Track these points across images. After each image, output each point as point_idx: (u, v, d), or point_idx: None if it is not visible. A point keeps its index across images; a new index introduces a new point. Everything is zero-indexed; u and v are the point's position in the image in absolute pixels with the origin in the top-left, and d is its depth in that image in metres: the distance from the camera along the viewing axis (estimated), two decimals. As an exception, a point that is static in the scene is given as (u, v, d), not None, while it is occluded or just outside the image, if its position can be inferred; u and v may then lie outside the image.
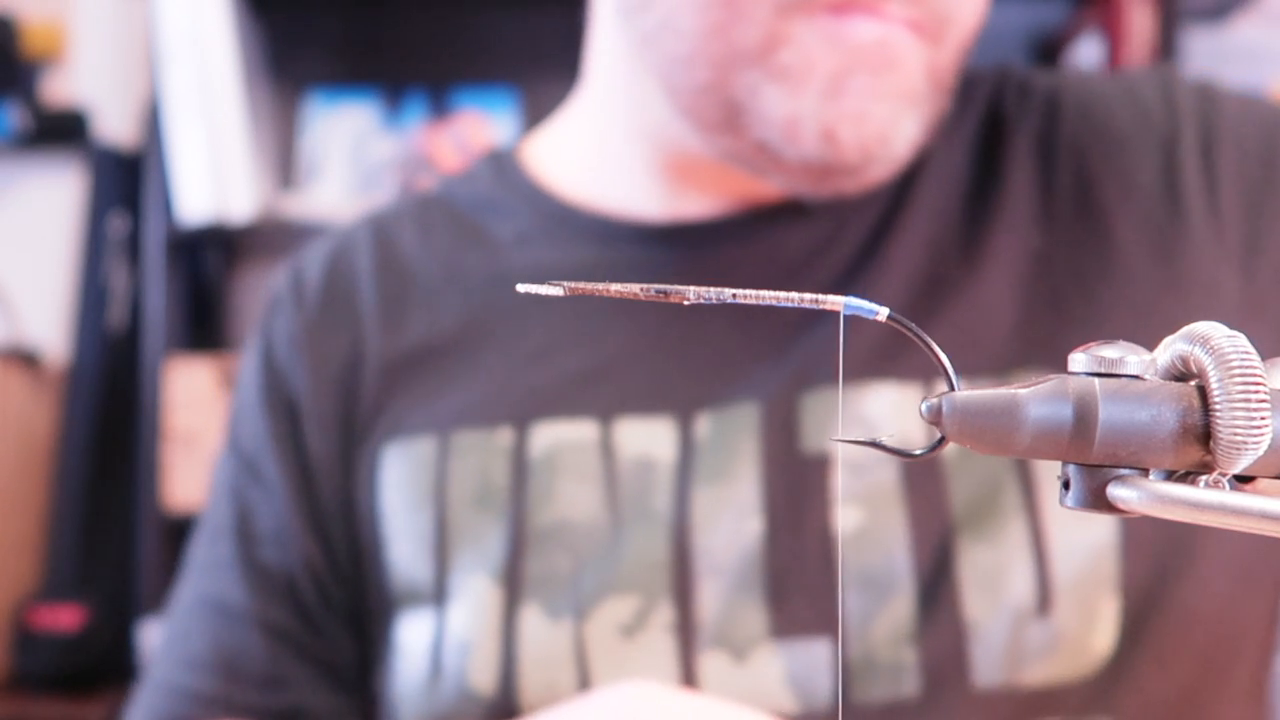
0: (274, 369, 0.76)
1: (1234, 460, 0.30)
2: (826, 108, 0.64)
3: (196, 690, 0.73)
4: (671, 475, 0.67)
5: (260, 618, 0.73)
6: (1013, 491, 0.65)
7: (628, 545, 0.66)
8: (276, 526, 0.74)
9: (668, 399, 0.69)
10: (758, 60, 0.64)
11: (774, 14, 0.63)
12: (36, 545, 2.09)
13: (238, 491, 0.76)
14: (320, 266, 0.78)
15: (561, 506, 0.68)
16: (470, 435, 0.70)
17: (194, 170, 1.88)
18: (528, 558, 0.67)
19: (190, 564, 0.78)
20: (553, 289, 0.33)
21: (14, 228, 2.22)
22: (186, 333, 2.06)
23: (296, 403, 0.75)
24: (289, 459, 0.74)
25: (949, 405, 0.31)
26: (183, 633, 0.76)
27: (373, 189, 2.06)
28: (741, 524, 0.66)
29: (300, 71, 2.14)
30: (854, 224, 0.71)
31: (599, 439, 0.68)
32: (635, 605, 0.66)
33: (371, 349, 0.74)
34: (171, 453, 1.91)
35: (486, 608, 0.67)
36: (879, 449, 0.33)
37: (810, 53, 0.63)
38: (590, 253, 0.73)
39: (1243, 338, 0.30)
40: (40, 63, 2.19)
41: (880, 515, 0.65)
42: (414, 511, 0.70)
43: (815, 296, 0.32)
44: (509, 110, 2.10)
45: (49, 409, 2.12)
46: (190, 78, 1.88)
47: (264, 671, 0.73)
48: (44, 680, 1.96)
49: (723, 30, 0.64)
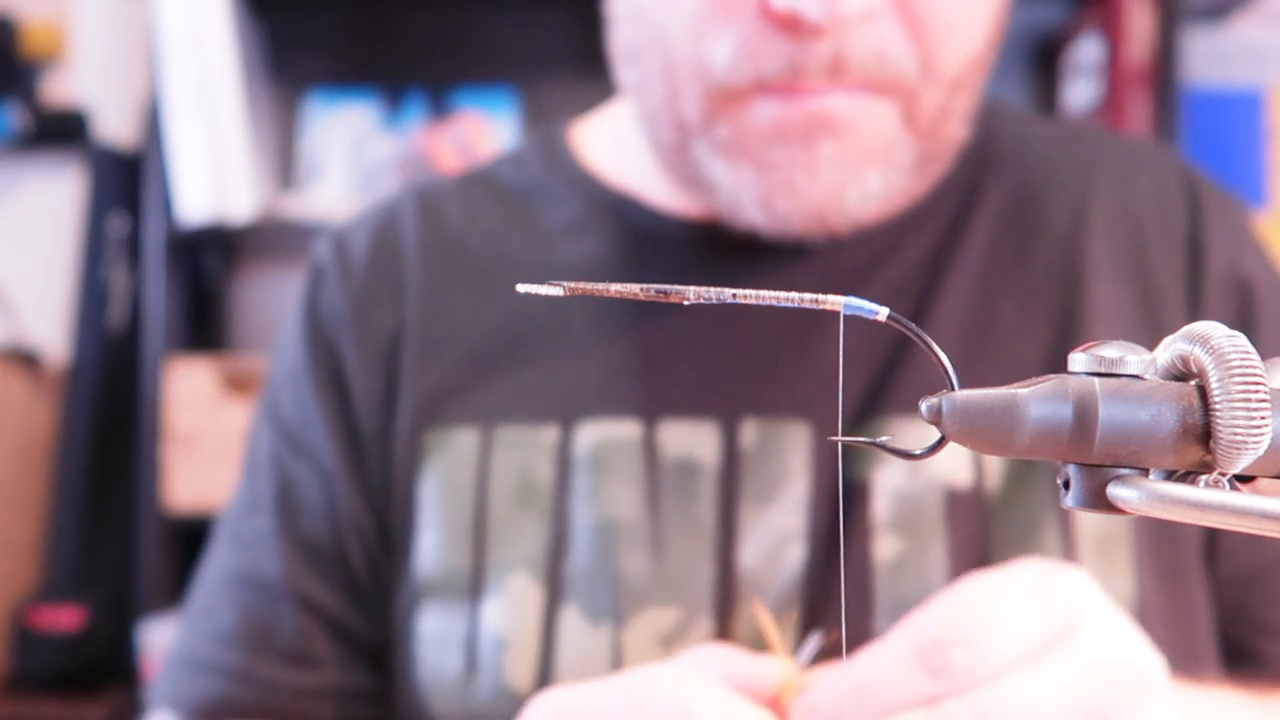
0: (321, 341, 0.75)
1: (1234, 460, 0.30)
2: (760, 180, 0.66)
3: (223, 664, 0.72)
4: (715, 483, 0.67)
5: (297, 592, 0.72)
6: (1052, 533, 0.66)
7: (671, 553, 0.66)
8: (324, 499, 0.73)
9: (711, 402, 0.69)
10: (701, 132, 0.66)
11: (704, 95, 0.65)
12: (36, 545, 2.09)
13: (279, 463, 0.75)
14: (367, 237, 0.77)
15: (604, 507, 0.67)
16: (514, 430, 0.70)
17: (194, 170, 1.87)
18: (569, 557, 0.67)
19: (221, 537, 0.76)
20: (553, 289, 0.33)
21: (14, 228, 2.22)
22: (186, 333, 2.06)
23: (345, 376, 0.74)
24: (340, 431, 0.73)
25: (949, 405, 0.31)
26: (212, 606, 0.74)
27: (373, 189, 2.06)
28: (786, 549, 0.66)
29: (300, 71, 2.14)
30: (912, 241, 0.72)
31: (642, 439, 0.68)
32: (676, 617, 0.66)
33: (412, 326, 0.73)
34: (171, 453, 1.91)
35: (527, 606, 0.67)
36: (880, 449, 0.32)
37: (741, 128, 0.65)
38: (640, 249, 0.73)
39: (1242, 338, 0.30)
40: (40, 63, 2.18)
41: (920, 545, 0.65)
42: (452, 502, 0.70)
43: (815, 296, 0.32)
44: (509, 110, 2.09)
45: (49, 409, 2.12)
46: (190, 78, 1.88)
47: (294, 647, 0.72)
48: (44, 680, 1.95)
49: (674, 101, 0.67)
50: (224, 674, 0.72)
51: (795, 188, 0.65)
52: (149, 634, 1.88)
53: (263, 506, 0.74)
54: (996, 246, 0.72)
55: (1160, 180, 0.75)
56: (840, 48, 0.62)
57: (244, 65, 1.94)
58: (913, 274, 0.71)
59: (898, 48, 0.64)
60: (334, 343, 0.74)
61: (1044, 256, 0.72)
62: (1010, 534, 0.65)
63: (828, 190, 0.65)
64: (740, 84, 0.64)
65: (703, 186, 0.69)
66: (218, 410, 1.91)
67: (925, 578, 0.65)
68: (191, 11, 1.87)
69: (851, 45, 0.62)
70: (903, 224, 0.72)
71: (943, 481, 0.66)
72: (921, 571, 0.65)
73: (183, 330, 2.04)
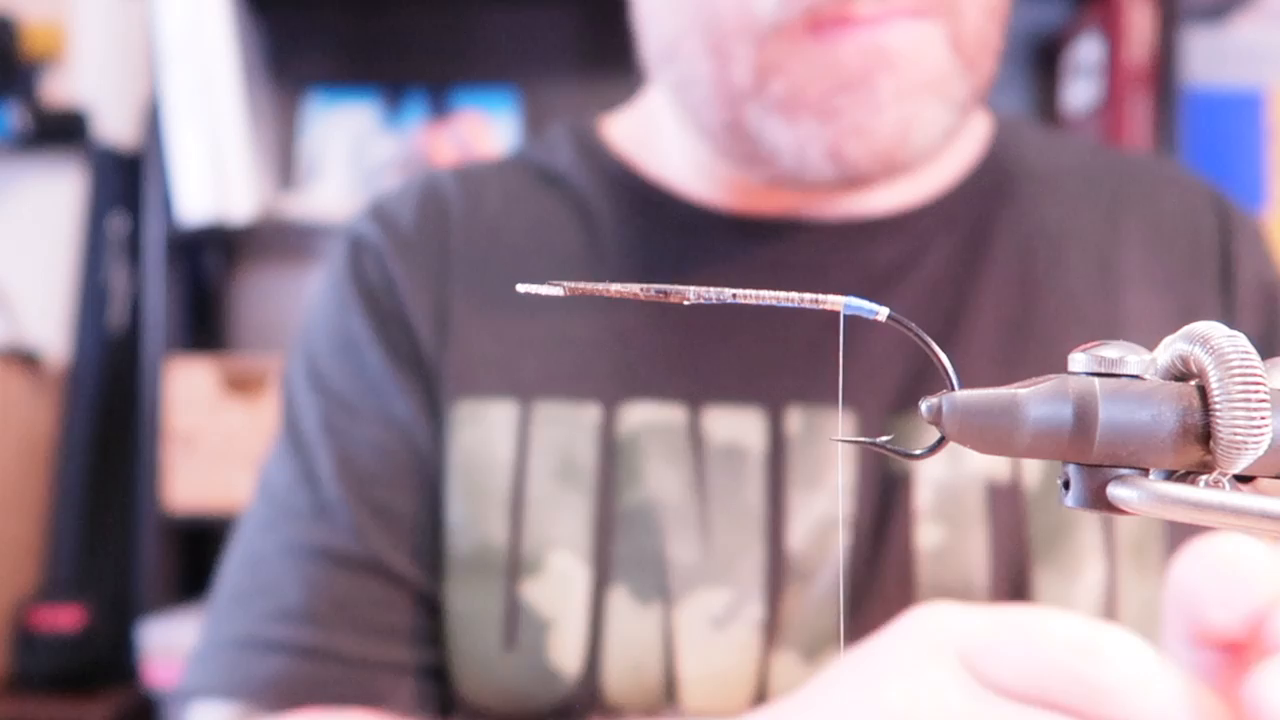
0: (384, 309, 0.73)
1: (1234, 460, 0.30)
2: (825, 130, 0.65)
3: (291, 641, 0.68)
4: (762, 468, 0.68)
5: (376, 560, 0.69)
6: (1091, 531, 0.67)
7: (720, 536, 0.67)
8: (393, 464, 0.71)
9: (757, 389, 0.69)
10: (755, 95, 0.65)
11: (756, 48, 0.64)
12: (36, 545, 2.09)
13: (336, 433, 0.72)
14: (414, 208, 0.77)
15: (650, 488, 0.68)
16: (554, 407, 0.69)
17: (194, 170, 1.88)
18: (615, 538, 0.67)
19: (263, 517, 0.73)
20: (553, 289, 0.33)
21: (14, 228, 2.22)
22: (186, 333, 2.06)
23: (418, 342, 0.72)
24: (419, 390, 0.71)
25: (949, 405, 0.31)
26: (269, 585, 0.70)
27: (373, 189, 2.06)
28: (831, 534, 0.67)
29: (300, 71, 2.14)
30: (937, 244, 0.72)
31: (687, 423, 0.69)
32: (727, 598, 0.66)
33: (456, 295, 0.73)
34: (171, 453, 1.91)
35: (573, 585, 0.67)
36: (880, 449, 0.32)
37: (798, 79, 0.64)
38: (683, 241, 0.73)
39: (1242, 337, 0.30)
40: (40, 63, 2.18)
41: (961, 534, 0.66)
42: (486, 476, 0.69)
43: (815, 296, 0.32)
44: (509, 110, 2.09)
45: (49, 409, 2.12)
46: (190, 78, 1.88)
47: (374, 619, 0.69)
48: (44, 680, 1.95)
49: (723, 71, 0.65)
50: (293, 652, 0.68)
51: (862, 130, 0.64)
52: (149, 634, 1.88)
53: (323, 476, 0.71)
54: (1028, 251, 0.72)
55: (1187, 196, 0.76)
56: None
57: (244, 65, 1.94)
58: (947, 272, 0.71)
59: None
60: (400, 310, 0.73)
61: (1079, 266, 0.72)
62: (1047, 530, 0.66)
63: (894, 127, 0.64)
64: (792, 19, 0.63)
65: (761, 158, 0.67)
66: (218, 410, 1.91)
67: (965, 566, 0.66)
68: (191, 11, 1.87)
69: None
70: (931, 219, 0.73)
71: (984, 474, 0.67)
72: (963, 560, 0.66)
73: (183, 330, 2.04)
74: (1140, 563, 0.67)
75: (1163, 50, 1.79)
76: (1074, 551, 0.66)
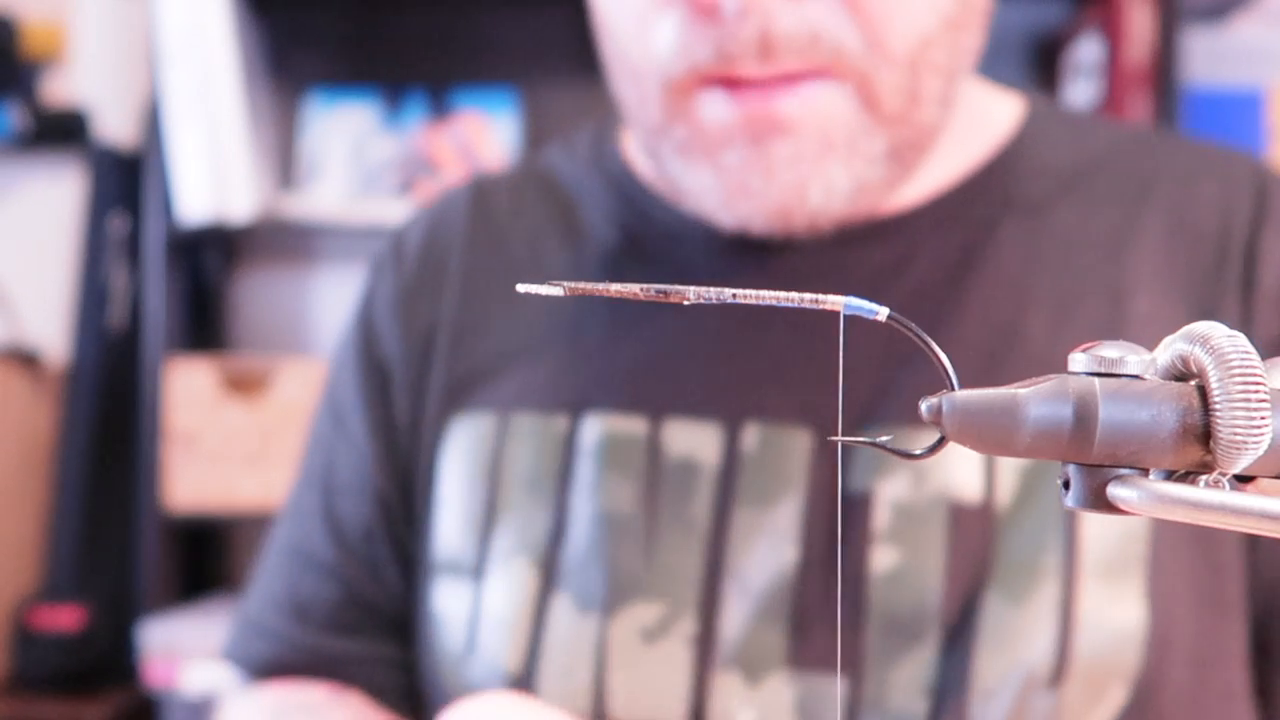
0: (371, 330, 0.78)
1: (1234, 460, 0.30)
2: (718, 183, 0.65)
3: (275, 630, 0.77)
4: (713, 484, 0.67)
5: (335, 569, 0.76)
6: (1054, 553, 0.64)
7: (661, 549, 0.67)
8: (357, 478, 0.76)
9: (716, 403, 0.68)
10: (664, 134, 0.67)
11: (662, 91, 0.65)
12: (36, 545, 2.09)
13: (327, 443, 0.78)
14: (421, 231, 0.80)
15: (604, 499, 0.68)
16: (530, 419, 0.71)
17: (194, 170, 1.88)
18: (566, 546, 0.68)
19: (285, 507, 0.81)
20: (553, 289, 0.33)
21: (14, 228, 2.22)
22: (186, 333, 2.06)
23: (388, 366, 0.77)
24: (375, 415, 0.76)
25: (949, 405, 0.31)
26: (268, 573, 0.79)
27: (373, 189, 2.06)
28: (777, 551, 0.66)
29: (300, 71, 2.14)
30: (929, 247, 0.70)
31: (647, 436, 0.69)
32: (660, 612, 0.66)
33: (449, 316, 0.75)
34: (171, 453, 1.91)
35: (523, 589, 0.68)
36: (880, 449, 0.32)
37: (698, 128, 0.65)
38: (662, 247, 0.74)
39: (1242, 337, 0.30)
40: (40, 63, 2.18)
41: (917, 557, 0.64)
42: (467, 486, 0.71)
43: (815, 296, 0.32)
44: (509, 110, 2.09)
45: (49, 409, 2.12)
46: (190, 78, 1.88)
47: (330, 618, 0.76)
48: (44, 680, 1.95)
49: (641, 105, 0.67)
50: (276, 639, 0.77)
51: (750, 191, 0.64)
52: (149, 634, 1.88)
53: (311, 482, 0.79)
54: (1029, 254, 0.70)
55: (1227, 188, 0.71)
56: (767, 27, 0.61)
57: (244, 65, 1.94)
58: (938, 275, 0.69)
59: (834, 24, 0.62)
60: (381, 333, 0.77)
61: (1083, 267, 0.69)
62: (1011, 552, 0.64)
63: (787, 189, 0.64)
64: (680, 75, 0.64)
65: (678, 190, 0.69)
66: (218, 410, 1.91)
67: (920, 591, 0.64)
68: (191, 11, 1.87)
69: (779, 24, 0.61)
70: (926, 222, 0.71)
71: (949, 495, 0.65)
72: (916, 585, 0.64)
73: (183, 330, 2.04)
74: (1111, 587, 0.64)
75: (1163, 50, 1.79)
76: (1031, 573, 0.64)
